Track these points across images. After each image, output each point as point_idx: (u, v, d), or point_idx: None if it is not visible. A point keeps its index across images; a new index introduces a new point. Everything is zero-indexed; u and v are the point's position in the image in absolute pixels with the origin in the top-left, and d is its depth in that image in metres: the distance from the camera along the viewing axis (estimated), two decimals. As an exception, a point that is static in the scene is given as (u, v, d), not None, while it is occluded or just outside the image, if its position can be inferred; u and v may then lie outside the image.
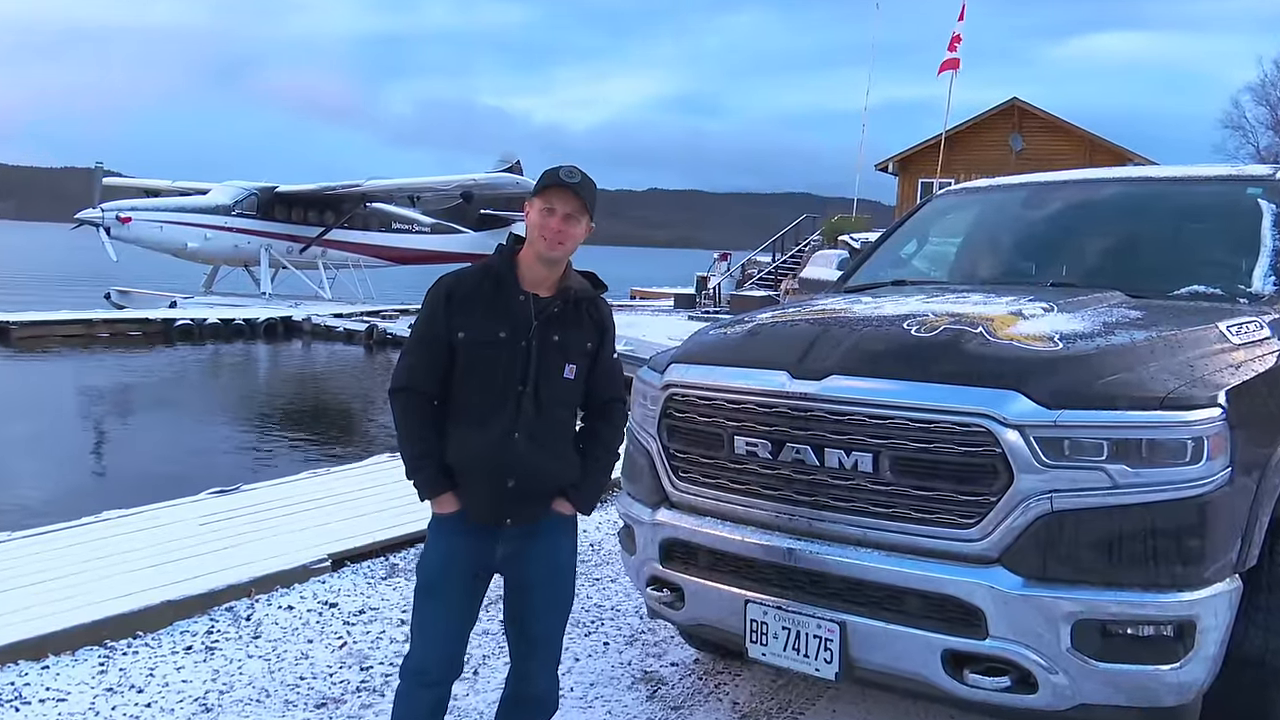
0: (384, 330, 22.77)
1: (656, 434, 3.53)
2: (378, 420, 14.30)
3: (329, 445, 12.26)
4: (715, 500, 3.35)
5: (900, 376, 2.97)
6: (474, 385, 2.74)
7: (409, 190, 29.98)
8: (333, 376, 19.23)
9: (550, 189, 2.72)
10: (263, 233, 29.30)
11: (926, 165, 30.05)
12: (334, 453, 11.48)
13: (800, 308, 3.88)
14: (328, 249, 30.86)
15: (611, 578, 5.33)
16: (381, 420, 14.13)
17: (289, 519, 5.97)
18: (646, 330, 20.20)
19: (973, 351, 3.01)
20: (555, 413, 2.78)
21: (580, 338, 2.82)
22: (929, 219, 5.28)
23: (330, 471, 7.45)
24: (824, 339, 3.25)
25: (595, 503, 2.96)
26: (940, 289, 4.14)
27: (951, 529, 2.88)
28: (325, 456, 11.05)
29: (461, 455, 2.75)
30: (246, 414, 14.66)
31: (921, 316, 3.32)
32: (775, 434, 3.15)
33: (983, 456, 2.82)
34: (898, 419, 2.92)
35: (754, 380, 3.23)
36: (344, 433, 13.54)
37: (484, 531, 2.79)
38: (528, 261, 2.79)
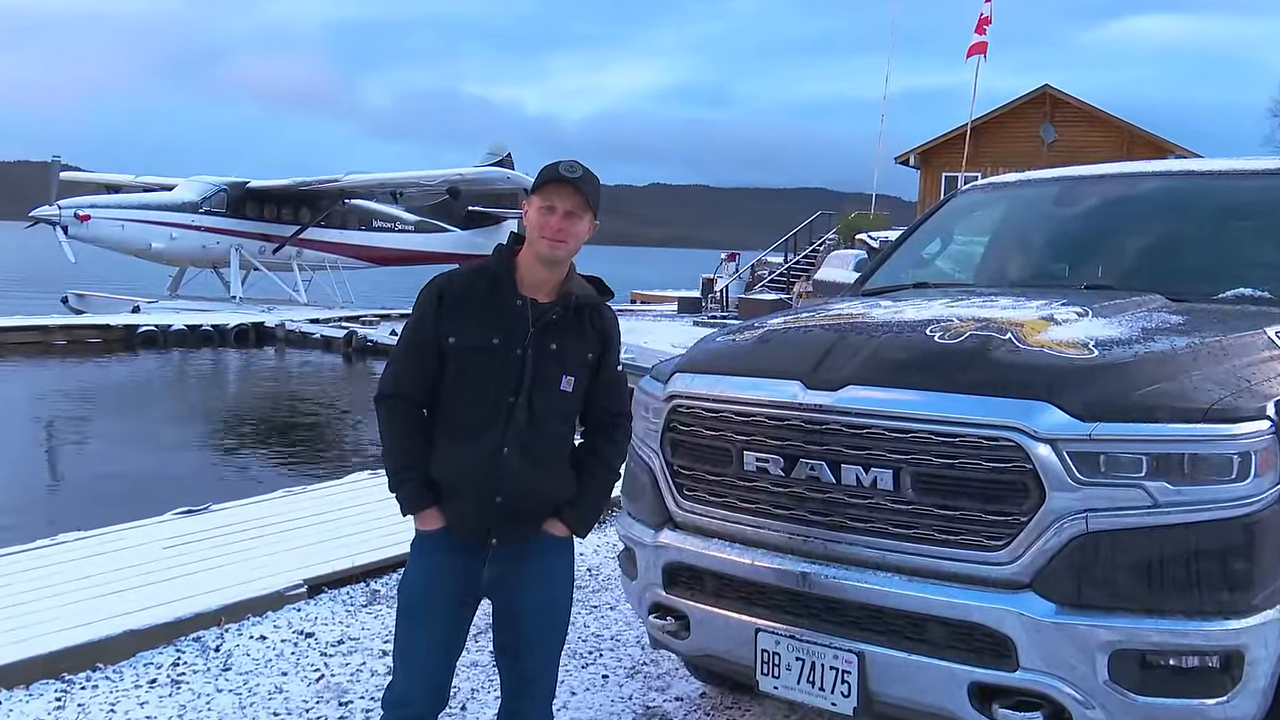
0: (364, 337, 22.80)
1: (659, 449, 3.54)
2: (357, 435, 14.29)
3: (305, 462, 12.26)
4: (723, 521, 3.35)
5: (922, 386, 2.98)
6: (464, 395, 2.75)
7: (391, 186, 30.04)
8: (309, 387, 19.25)
9: (550, 185, 2.73)
10: (233, 232, 29.34)
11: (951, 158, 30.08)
12: (310, 470, 11.48)
13: (815, 312, 3.88)
14: (303, 249, 30.90)
15: (611, 605, 5.33)
16: (362, 435, 14.13)
17: (261, 541, 5.97)
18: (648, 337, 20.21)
19: (1001, 359, 3.02)
20: (550, 426, 2.79)
21: (580, 347, 2.83)
22: (953, 216, 5.29)
23: (306, 490, 7.45)
24: (840, 346, 3.25)
25: (592, 524, 2.96)
26: (966, 292, 4.15)
27: (978, 551, 2.88)
28: (301, 474, 11.05)
29: (448, 469, 2.76)
30: (216, 428, 14.67)
31: (945, 322, 3.32)
32: (788, 449, 3.15)
33: (1012, 473, 2.82)
34: (920, 432, 2.92)
35: (764, 391, 3.24)
36: (321, 448, 13.55)
37: (470, 551, 2.80)
38: (527, 263, 2.80)
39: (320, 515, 6.58)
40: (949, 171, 30.39)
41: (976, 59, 26.55)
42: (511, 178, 30.11)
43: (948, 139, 31.05)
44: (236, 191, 29.62)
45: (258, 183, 30.31)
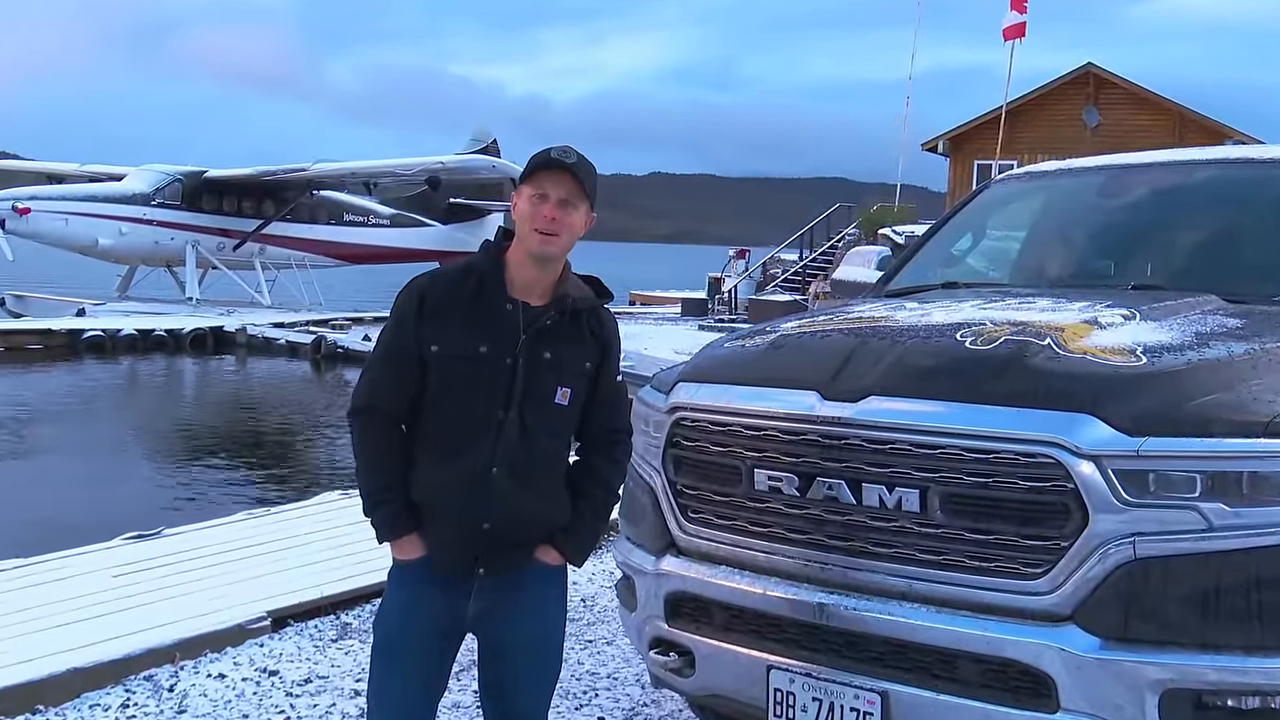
0: (334, 343, 22.83)
1: (661, 467, 3.54)
2: (327, 451, 14.29)
3: (269, 482, 12.26)
4: (732, 546, 3.35)
5: (952, 397, 2.98)
6: (447, 409, 2.75)
7: (364, 175, 30.08)
8: (273, 399, 19.25)
9: (541, 171, 2.74)
10: (189, 226, 29.39)
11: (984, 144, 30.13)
12: (275, 491, 11.48)
13: (833, 315, 3.89)
14: (267, 245, 30.95)
15: (607, 639, 5.32)
16: (332, 452, 14.13)
17: (220, 569, 5.97)
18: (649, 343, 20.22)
19: (1039, 367, 3.02)
20: (543, 444, 2.79)
21: (577, 356, 2.83)
22: (987, 209, 5.30)
23: (270, 513, 7.46)
24: (861, 353, 3.26)
25: (589, 551, 2.96)
26: (1000, 293, 4.15)
27: (1014, 580, 2.88)
28: (264, 495, 11.05)
29: (429, 491, 2.76)
30: (170, 444, 14.67)
31: (978, 325, 3.33)
32: (803, 466, 3.16)
33: (1051, 493, 2.82)
34: (949, 448, 2.93)
35: (777, 402, 3.24)
36: (287, 467, 13.55)
37: (453, 582, 2.80)
38: (517, 261, 2.80)
39: (286, 540, 6.58)
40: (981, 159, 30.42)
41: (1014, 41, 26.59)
42: (498, 166, 30.19)
43: (980, 123, 31.09)
44: (193, 182, 29.68)
45: (216, 172, 30.37)
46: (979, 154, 30.83)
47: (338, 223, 33.26)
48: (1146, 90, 30.94)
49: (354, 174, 30.11)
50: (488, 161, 30.92)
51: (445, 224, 36.40)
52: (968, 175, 31.10)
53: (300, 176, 29.90)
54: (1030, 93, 31.15)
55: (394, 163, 29.92)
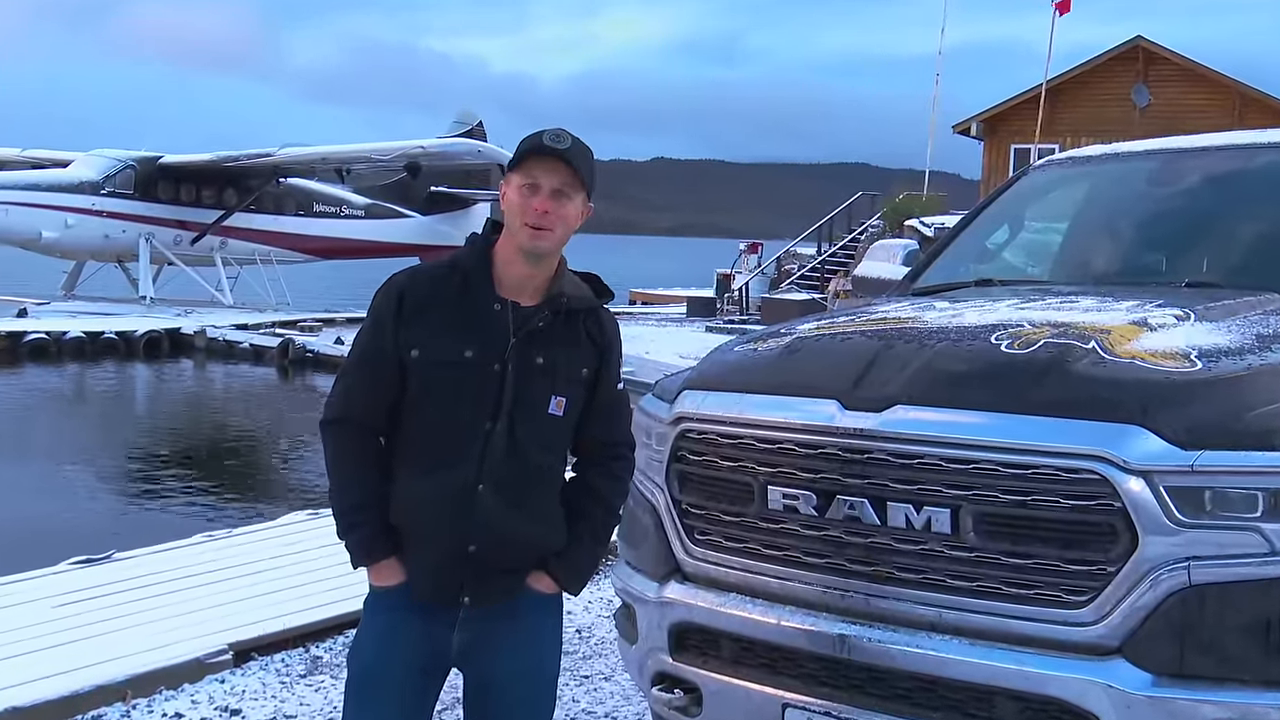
0: (303, 346, 22.83)
1: (664, 483, 3.54)
2: (295, 467, 14.29)
3: (230, 501, 12.26)
4: (743, 571, 3.36)
5: (986, 406, 2.98)
6: (430, 419, 2.76)
7: (336, 161, 30.13)
8: (235, 408, 19.26)
9: (532, 158, 2.74)
10: (142, 217, 29.41)
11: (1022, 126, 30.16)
12: (237, 511, 11.48)
13: (855, 316, 3.89)
14: (228, 239, 30.98)
15: (605, 674, 5.33)
16: (300, 467, 14.13)
17: (177, 597, 5.97)
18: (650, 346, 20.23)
19: (1082, 373, 3.03)
20: (535, 458, 2.79)
21: (573, 361, 2.83)
22: (1025, 198, 5.31)
23: (232, 535, 7.46)
24: (886, 357, 3.27)
25: (587, 578, 2.97)
26: (1040, 291, 4.16)
27: (1056, 609, 2.88)
28: (226, 515, 11.05)
29: (409, 510, 2.77)
30: (120, 459, 14.67)
31: (1015, 327, 3.34)
32: (822, 483, 3.16)
33: (1097, 513, 2.82)
34: (983, 463, 2.93)
35: (793, 412, 3.24)
36: (250, 484, 13.55)
37: (436, 611, 2.80)
38: (506, 257, 2.80)
39: (249, 565, 6.58)
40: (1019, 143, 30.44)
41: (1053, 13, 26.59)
42: (484, 151, 30.21)
43: (1018, 103, 31.11)
44: (146, 169, 29.70)
45: (172, 158, 30.39)
46: (1016, 137, 30.84)
47: (307, 214, 33.28)
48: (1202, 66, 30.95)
49: (324, 160, 30.14)
50: (473, 146, 30.93)
51: (426, 215, 36.42)
52: (1004, 161, 31.11)
53: (265, 163, 29.93)
54: (1073, 69, 31.15)
55: (369, 147, 29.94)
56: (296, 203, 32.99)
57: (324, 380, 20.72)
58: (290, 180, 32.09)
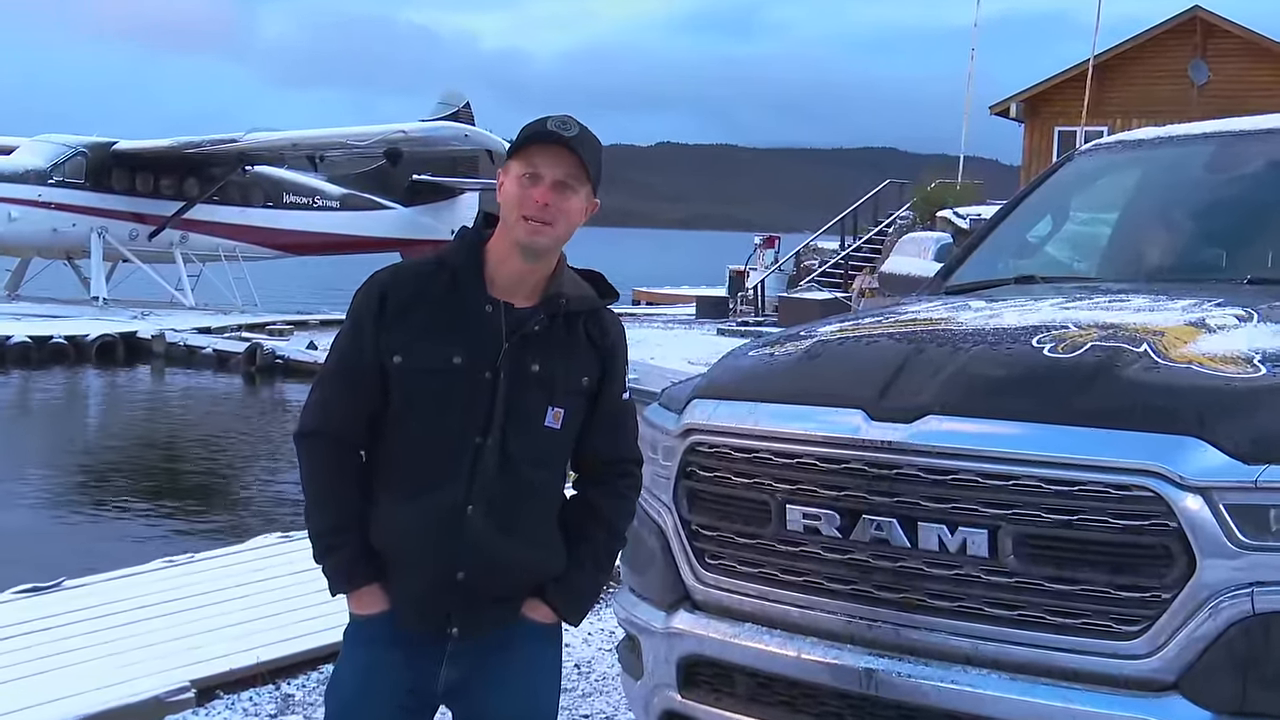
0: (272, 352, 22.87)
1: (672, 502, 3.55)
2: (265, 485, 14.30)
3: (193, 522, 12.28)
4: (759, 599, 3.36)
5: (1027, 416, 2.99)
6: (414, 433, 2.77)
7: (308, 147, 30.18)
8: (198, 420, 19.27)
9: (534, 146, 2.74)
10: (94, 209, 29.46)
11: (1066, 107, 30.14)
12: (201, 533, 11.48)
13: (882, 316, 3.90)
14: (189, 233, 31.02)
15: (607, 714, 5.33)
16: (270, 485, 14.14)
17: (134, 629, 5.97)
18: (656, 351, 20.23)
19: (1134, 380, 3.03)
20: (530, 476, 2.80)
21: (573, 368, 2.83)
22: (1070, 186, 5.31)
23: (195, 560, 7.45)
24: (916, 363, 3.27)
25: (588, 607, 2.98)
26: (1086, 288, 4.16)
27: (1105, 640, 2.88)
28: (188, 538, 11.05)
29: (391, 533, 2.77)
30: (71, 477, 14.68)
31: (1059, 329, 3.34)
32: (846, 501, 3.17)
33: (1150, 533, 2.83)
34: (1024, 479, 2.93)
35: (814, 423, 3.25)
36: (215, 504, 13.56)
37: (422, 644, 2.81)
38: (500, 253, 2.81)
39: (214, 593, 6.58)
40: (1064, 125, 30.43)
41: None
42: (471, 136, 30.20)
43: (1062, 81, 31.11)
44: (99, 156, 29.76)
45: (128, 144, 30.45)
46: (1060, 119, 30.82)
47: (276, 205, 33.31)
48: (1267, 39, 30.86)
49: (295, 146, 30.19)
50: (459, 130, 30.91)
51: (408, 206, 36.47)
52: (1047, 145, 31.10)
53: (230, 149, 29.98)
54: (1123, 43, 31.15)
55: (344, 132, 29.99)
56: (265, 193, 33.02)
57: (295, 389, 20.72)
58: (258, 169, 32.14)
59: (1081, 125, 27.09)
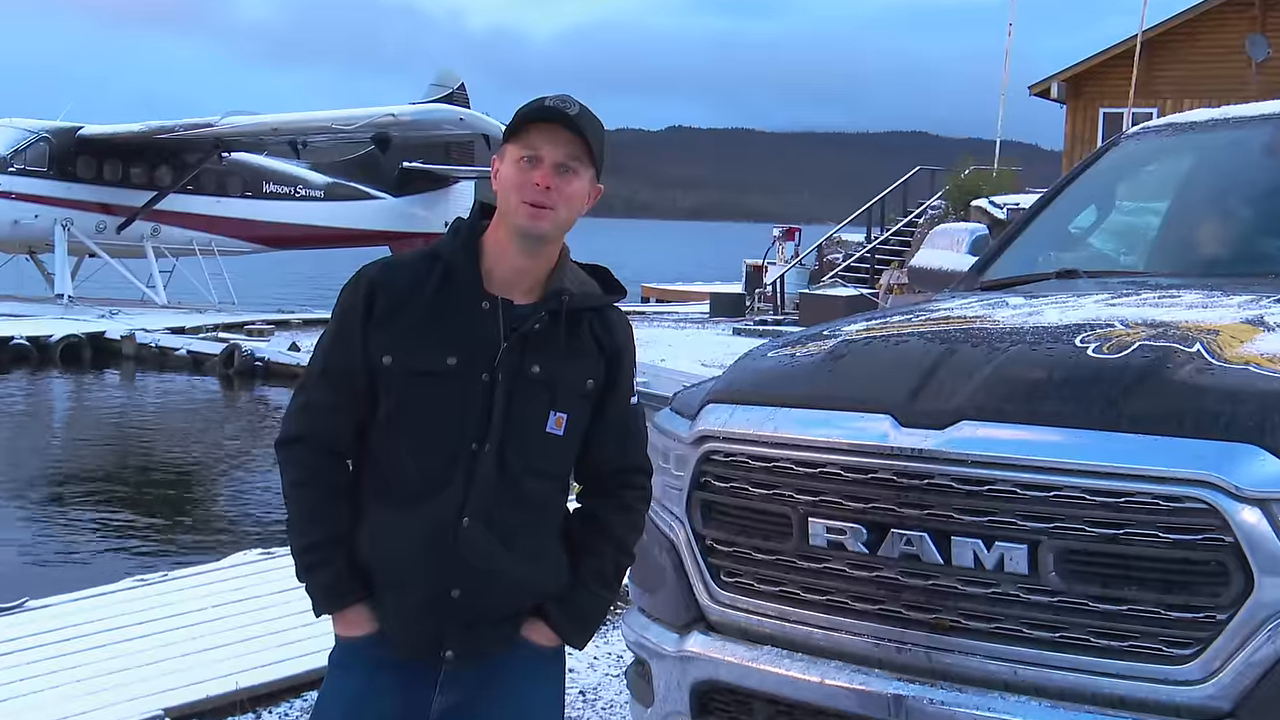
0: (251, 353, 22.89)
1: (685, 515, 3.56)
2: (243, 497, 14.32)
3: (166, 538, 12.29)
4: (779, 619, 3.36)
5: (1070, 422, 2.99)
6: (405, 441, 2.77)
7: (290, 132, 30.21)
8: (171, 427, 19.30)
9: (532, 127, 2.75)
10: (58, 200, 29.51)
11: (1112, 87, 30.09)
12: (174, 550, 11.51)
13: (912, 314, 3.90)
14: (162, 225, 31.07)
15: (615, 746, 5.33)
16: (249, 497, 14.16)
17: (103, 653, 5.99)
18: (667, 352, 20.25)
19: (1186, 382, 3.03)
20: (530, 487, 2.80)
21: (576, 370, 2.84)
22: (1116, 173, 5.31)
23: (168, 579, 7.47)
24: (949, 364, 3.27)
25: (594, 629, 2.99)
26: (1133, 283, 4.16)
27: (1155, 664, 2.88)
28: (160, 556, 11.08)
29: (381, 549, 2.78)
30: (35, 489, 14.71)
31: (1104, 327, 3.34)
32: (874, 514, 3.17)
33: (1204, 549, 2.82)
34: (1067, 489, 2.93)
35: (839, 429, 3.25)
36: (190, 518, 13.58)
37: (414, 668, 2.81)
38: (498, 246, 2.81)
39: (188, 615, 6.60)
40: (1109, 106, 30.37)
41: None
42: (467, 119, 30.23)
43: (1107, 58, 31.06)
44: (64, 142, 29.81)
45: (95, 129, 30.49)
46: (1106, 99, 30.77)
47: (255, 195, 33.37)
48: (1333, 11, 30.80)
49: (276, 131, 30.21)
50: (453, 113, 30.91)
51: (397, 196, 36.50)
52: (1091, 128, 31.05)
53: (206, 134, 30.01)
54: (1175, 17, 31.06)
55: (329, 115, 30.01)
56: (243, 182, 33.07)
57: (276, 393, 20.76)
58: (235, 155, 32.17)
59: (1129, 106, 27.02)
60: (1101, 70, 31.24)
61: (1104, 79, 30.93)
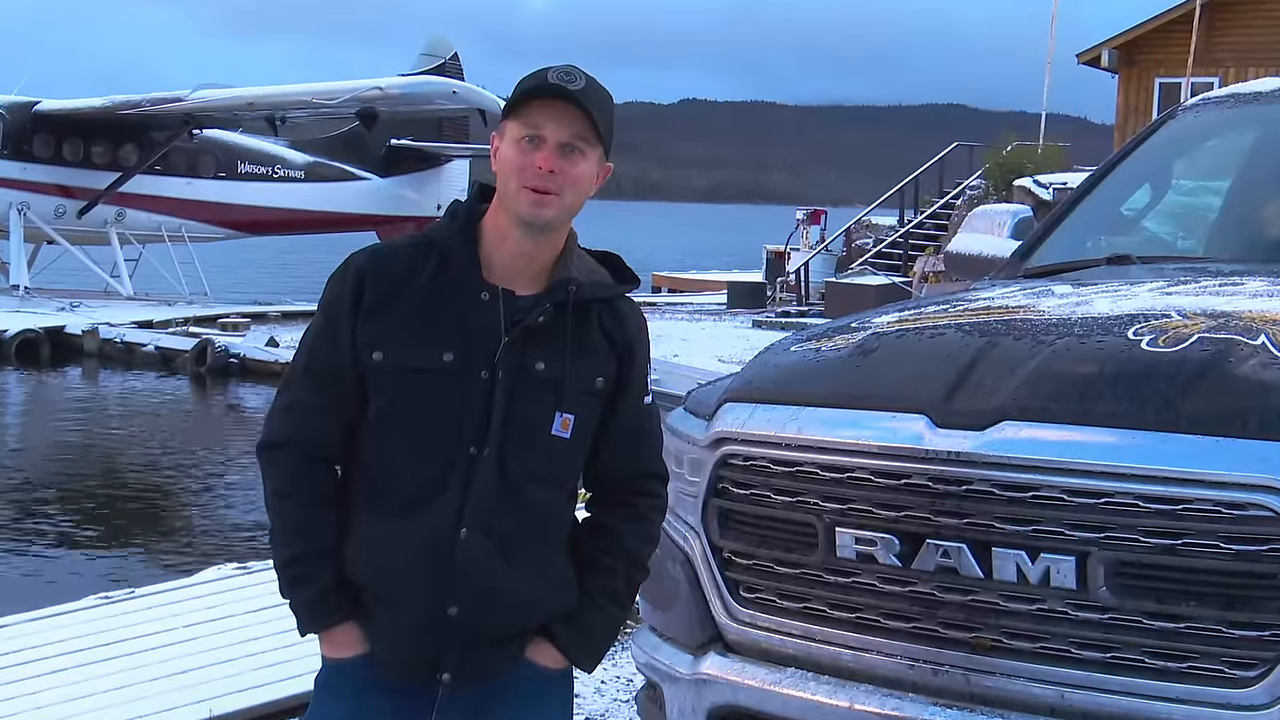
0: (225, 349, 22.89)
1: (701, 526, 3.56)
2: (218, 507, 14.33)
3: (134, 551, 12.30)
4: (803, 639, 3.37)
5: (1122, 422, 2.99)
6: (397, 445, 2.78)
7: (267, 107, 30.17)
8: (139, 431, 19.30)
9: (534, 103, 2.74)
10: (13, 182, 29.50)
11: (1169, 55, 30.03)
12: (142, 564, 11.52)
13: (948, 304, 3.90)
14: (127, 209, 31.06)
15: (624, 777, 5.34)
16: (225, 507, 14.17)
17: (64, 677, 5.99)
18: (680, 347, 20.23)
19: (1249, 378, 3.03)
20: (534, 494, 2.81)
21: (585, 367, 2.84)
22: (1173, 148, 5.30)
23: (136, 596, 7.48)
24: (989, 359, 3.28)
25: (603, 650, 2.99)
26: (1191, 270, 4.16)
27: (1216, 687, 2.88)
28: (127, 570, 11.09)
29: (372, 562, 2.79)
30: (-12, 497, 14.73)
31: (1160, 318, 3.34)
32: (907, 523, 3.17)
33: (1269, 560, 2.83)
34: (1119, 496, 2.93)
35: (869, 430, 3.26)
36: (160, 530, 13.58)
37: (407, 693, 2.82)
38: (498, 231, 2.81)
39: (158, 635, 6.61)
40: (1166, 76, 30.31)
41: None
42: (461, 92, 30.18)
43: (1164, 23, 30.98)
44: (19, 119, 29.78)
45: (52, 104, 30.48)
46: (1162, 68, 30.70)
47: (229, 176, 33.35)
48: None
49: (252, 105, 30.16)
50: (446, 85, 30.89)
51: (385, 177, 36.49)
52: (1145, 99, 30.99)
53: (175, 109, 29.97)
54: (1237, -22, 30.98)
55: (310, 89, 29.98)
56: (216, 162, 33.05)
57: (254, 394, 20.78)
58: (207, 133, 32.14)
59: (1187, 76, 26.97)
60: (1157, 36, 31.16)
61: (1160, 46, 30.85)
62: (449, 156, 37.52)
